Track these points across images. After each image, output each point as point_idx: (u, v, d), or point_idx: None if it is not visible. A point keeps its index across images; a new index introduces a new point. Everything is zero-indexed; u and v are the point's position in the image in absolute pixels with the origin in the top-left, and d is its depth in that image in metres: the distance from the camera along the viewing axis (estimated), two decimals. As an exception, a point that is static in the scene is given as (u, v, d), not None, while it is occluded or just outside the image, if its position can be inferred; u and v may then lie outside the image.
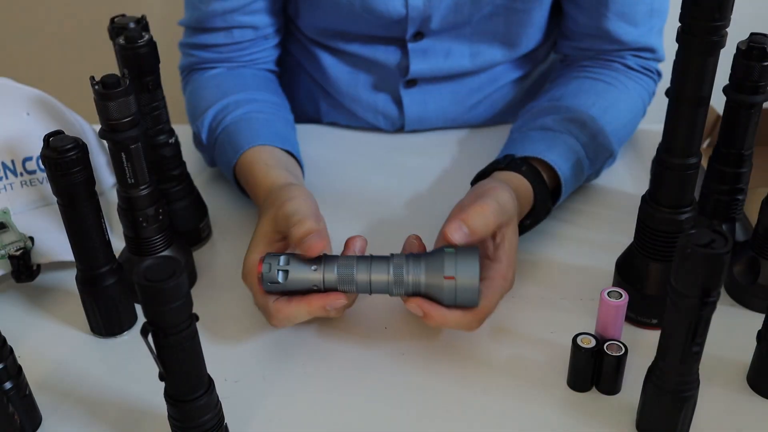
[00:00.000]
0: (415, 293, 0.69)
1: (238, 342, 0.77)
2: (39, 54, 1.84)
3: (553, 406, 0.69)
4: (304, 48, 1.08)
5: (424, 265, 0.69)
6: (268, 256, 0.70)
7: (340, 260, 0.70)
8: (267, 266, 0.70)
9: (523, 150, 0.86)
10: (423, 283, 0.69)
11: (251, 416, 0.69)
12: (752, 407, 0.68)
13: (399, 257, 0.70)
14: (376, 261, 0.70)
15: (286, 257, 0.70)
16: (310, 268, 0.69)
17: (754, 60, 0.72)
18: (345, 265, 0.69)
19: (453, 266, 0.67)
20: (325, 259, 0.70)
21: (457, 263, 0.67)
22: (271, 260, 0.70)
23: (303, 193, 0.76)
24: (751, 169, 0.79)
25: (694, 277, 0.54)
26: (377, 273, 0.69)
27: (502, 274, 0.72)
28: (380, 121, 1.08)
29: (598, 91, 0.94)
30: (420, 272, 0.68)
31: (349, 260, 0.70)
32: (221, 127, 0.92)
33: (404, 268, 0.69)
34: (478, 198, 0.73)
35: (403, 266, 0.69)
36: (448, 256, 0.68)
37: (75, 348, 0.77)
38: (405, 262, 0.69)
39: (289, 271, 0.70)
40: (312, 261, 0.70)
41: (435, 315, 0.68)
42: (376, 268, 0.69)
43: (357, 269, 0.69)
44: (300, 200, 0.74)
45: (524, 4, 0.96)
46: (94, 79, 0.69)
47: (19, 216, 0.84)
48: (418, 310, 0.69)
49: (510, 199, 0.73)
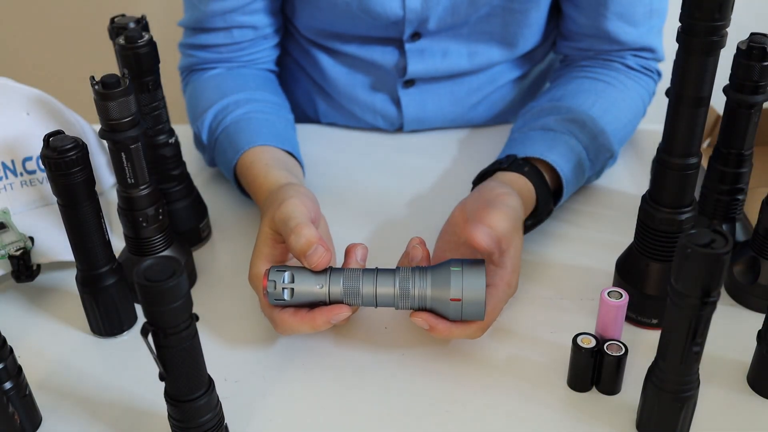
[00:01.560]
0: (420, 307, 0.69)
1: (238, 342, 0.77)
2: (39, 54, 1.84)
3: (553, 406, 0.69)
4: (302, 49, 1.08)
5: (430, 279, 0.68)
6: (272, 272, 0.69)
7: (345, 273, 0.69)
8: (272, 284, 0.69)
9: (525, 150, 0.86)
10: (429, 297, 0.68)
11: (251, 416, 0.69)
12: (752, 407, 0.68)
13: (405, 270, 0.69)
14: (381, 274, 0.69)
15: (290, 273, 0.69)
16: (315, 286, 0.69)
17: (754, 60, 0.72)
18: (350, 278, 0.69)
19: (459, 286, 0.67)
20: (331, 272, 0.69)
21: (464, 283, 0.67)
22: (275, 277, 0.69)
23: (300, 192, 0.75)
24: (751, 169, 0.79)
25: (694, 277, 0.54)
26: (383, 286, 0.69)
27: (507, 280, 0.72)
28: (379, 121, 1.08)
29: (598, 92, 0.94)
30: (426, 286, 0.68)
31: (355, 273, 0.69)
32: (221, 127, 0.92)
33: (410, 281, 0.69)
34: (489, 204, 0.73)
35: (409, 279, 0.69)
36: (454, 275, 0.67)
37: (75, 348, 0.77)
38: (411, 275, 0.69)
39: (295, 289, 0.69)
40: (317, 276, 0.69)
41: (441, 329, 0.68)
42: (382, 281, 0.69)
43: (363, 282, 0.69)
44: (296, 200, 0.72)
45: (521, 5, 0.96)
46: (94, 79, 0.69)
47: (19, 216, 0.84)
48: (425, 324, 0.69)
49: (518, 206, 0.74)
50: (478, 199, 0.76)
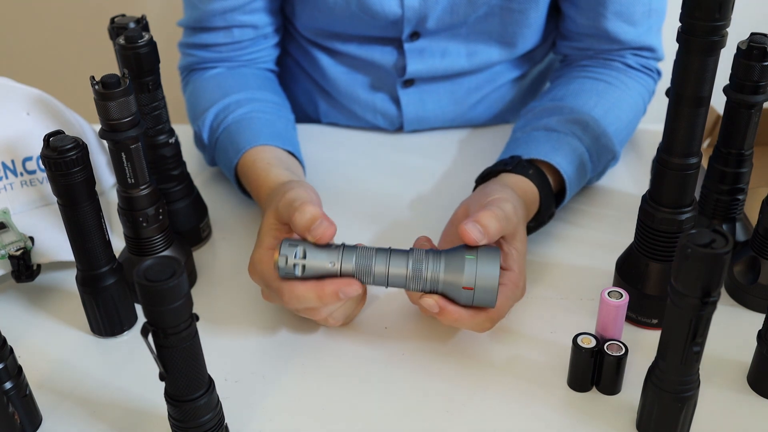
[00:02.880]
0: (432, 290, 0.69)
1: (238, 342, 0.77)
2: (39, 54, 1.84)
3: (553, 406, 0.69)
4: (301, 48, 1.08)
5: (444, 264, 0.68)
6: (284, 246, 0.68)
7: (358, 251, 0.69)
8: (283, 259, 0.68)
9: (529, 152, 0.86)
10: (441, 281, 0.68)
11: (251, 416, 0.69)
12: (752, 407, 0.68)
13: (419, 252, 0.69)
14: (395, 254, 0.69)
15: (303, 248, 0.68)
16: (327, 263, 0.68)
17: (754, 60, 0.72)
18: (364, 256, 0.69)
19: (473, 275, 0.67)
20: (344, 249, 0.69)
21: (477, 271, 0.67)
22: (287, 252, 0.68)
23: (303, 184, 0.76)
24: (751, 169, 0.79)
25: (695, 277, 0.54)
26: (395, 266, 0.68)
27: (514, 281, 0.72)
28: (379, 121, 1.08)
29: (599, 92, 0.94)
30: (439, 270, 0.68)
31: (368, 252, 0.69)
32: (223, 127, 0.92)
33: (423, 263, 0.68)
34: (483, 207, 0.73)
35: (423, 261, 0.68)
36: (468, 262, 0.67)
37: (75, 348, 0.77)
38: (425, 257, 0.69)
39: (306, 265, 0.68)
40: (329, 252, 0.68)
41: (451, 311, 0.68)
42: (395, 261, 0.69)
43: (375, 261, 0.68)
44: (300, 189, 0.73)
45: (520, 5, 0.96)
46: (94, 79, 0.69)
47: (19, 216, 0.84)
48: (435, 307, 0.68)
49: (513, 211, 0.73)
50: (477, 202, 0.76)
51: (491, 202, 0.73)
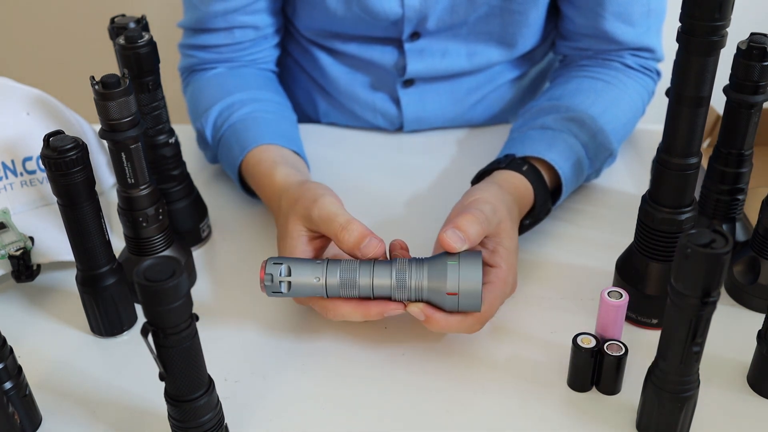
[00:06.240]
0: (417, 299, 0.69)
1: (238, 342, 0.77)
2: (39, 54, 1.84)
3: (553, 406, 0.69)
4: (302, 48, 1.08)
5: (427, 271, 0.69)
6: (269, 265, 0.70)
7: (342, 265, 0.70)
8: (269, 277, 0.69)
9: (524, 149, 0.86)
10: (425, 288, 0.68)
11: (251, 416, 0.69)
12: (752, 407, 0.68)
13: (402, 261, 0.70)
14: (378, 265, 0.70)
15: (287, 266, 0.70)
16: (312, 279, 0.69)
17: (754, 60, 0.72)
18: (348, 269, 0.69)
19: (456, 280, 0.67)
20: (328, 264, 0.70)
21: (460, 276, 0.67)
22: (272, 270, 0.69)
23: (328, 190, 0.76)
24: (751, 169, 0.79)
25: (694, 277, 0.54)
26: (380, 277, 0.69)
27: (503, 278, 0.72)
28: (379, 120, 1.08)
29: (597, 91, 0.94)
30: (422, 278, 0.68)
31: (352, 265, 0.70)
32: (227, 125, 0.93)
33: (407, 272, 0.69)
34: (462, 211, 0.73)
35: (406, 271, 0.69)
36: (450, 268, 0.68)
37: (75, 348, 0.77)
38: (408, 266, 0.69)
39: (292, 282, 0.69)
40: (314, 267, 0.70)
41: (438, 319, 0.69)
42: (379, 272, 0.69)
43: (360, 273, 0.69)
44: (331, 198, 0.73)
45: (520, 5, 0.96)
46: (94, 79, 0.69)
47: (19, 216, 0.84)
48: (421, 315, 0.69)
49: (492, 211, 0.73)
50: (460, 204, 0.76)
51: (470, 204, 0.73)
